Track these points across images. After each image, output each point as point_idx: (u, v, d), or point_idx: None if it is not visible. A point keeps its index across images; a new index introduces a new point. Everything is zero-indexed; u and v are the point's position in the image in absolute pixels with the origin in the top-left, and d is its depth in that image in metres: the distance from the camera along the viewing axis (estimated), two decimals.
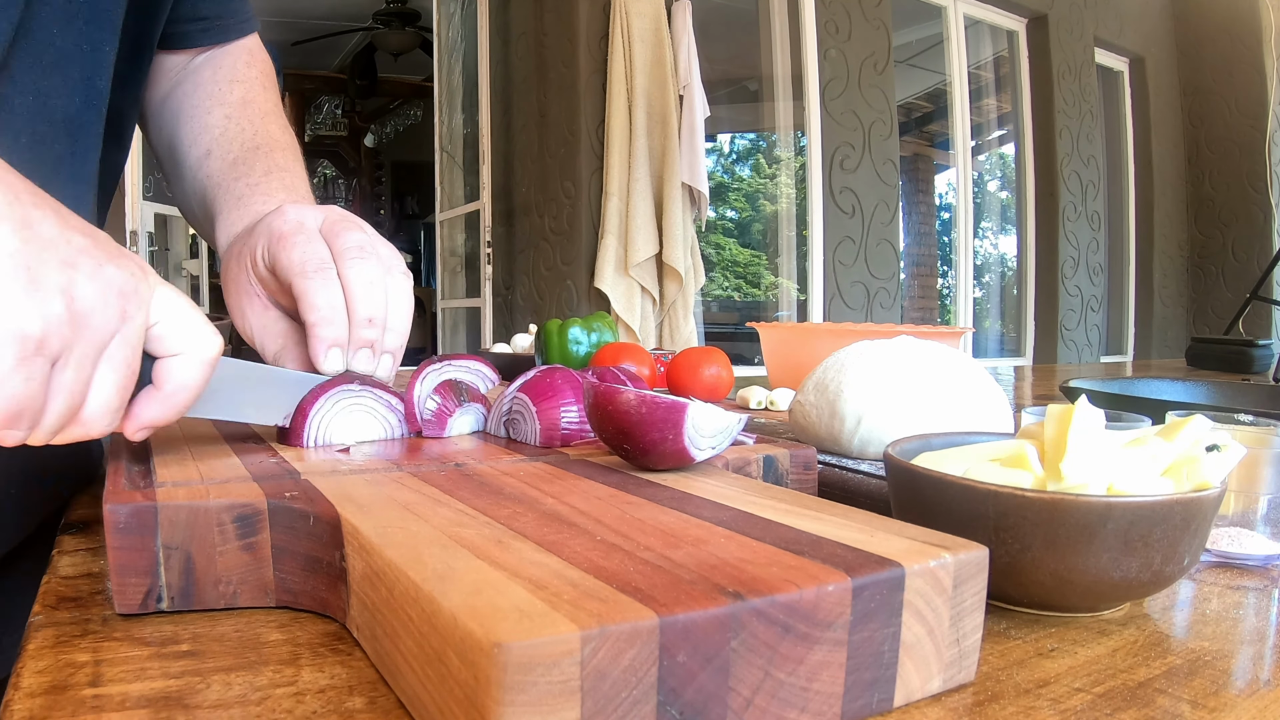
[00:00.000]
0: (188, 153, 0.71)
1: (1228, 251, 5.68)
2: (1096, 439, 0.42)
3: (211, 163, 0.70)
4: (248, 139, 0.71)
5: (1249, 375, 1.94)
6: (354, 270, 0.54)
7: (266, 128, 0.72)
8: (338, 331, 0.54)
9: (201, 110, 0.72)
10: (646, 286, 3.50)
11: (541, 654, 0.23)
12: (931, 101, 5.79)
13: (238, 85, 0.74)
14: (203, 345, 0.42)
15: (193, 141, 0.71)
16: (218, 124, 0.71)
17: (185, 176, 0.72)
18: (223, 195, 0.67)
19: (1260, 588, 0.46)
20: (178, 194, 0.75)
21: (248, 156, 0.69)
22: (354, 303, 0.54)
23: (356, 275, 0.54)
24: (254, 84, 0.75)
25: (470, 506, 0.38)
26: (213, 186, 0.68)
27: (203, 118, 0.72)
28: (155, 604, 0.37)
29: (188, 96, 0.73)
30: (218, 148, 0.70)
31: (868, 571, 0.30)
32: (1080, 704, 0.32)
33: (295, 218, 0.55)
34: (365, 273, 0.54)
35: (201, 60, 0.75)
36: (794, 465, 0.55)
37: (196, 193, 0.70)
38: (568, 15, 3.61)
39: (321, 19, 6.16)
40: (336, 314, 0.53)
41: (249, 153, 0.70)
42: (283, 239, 0.54)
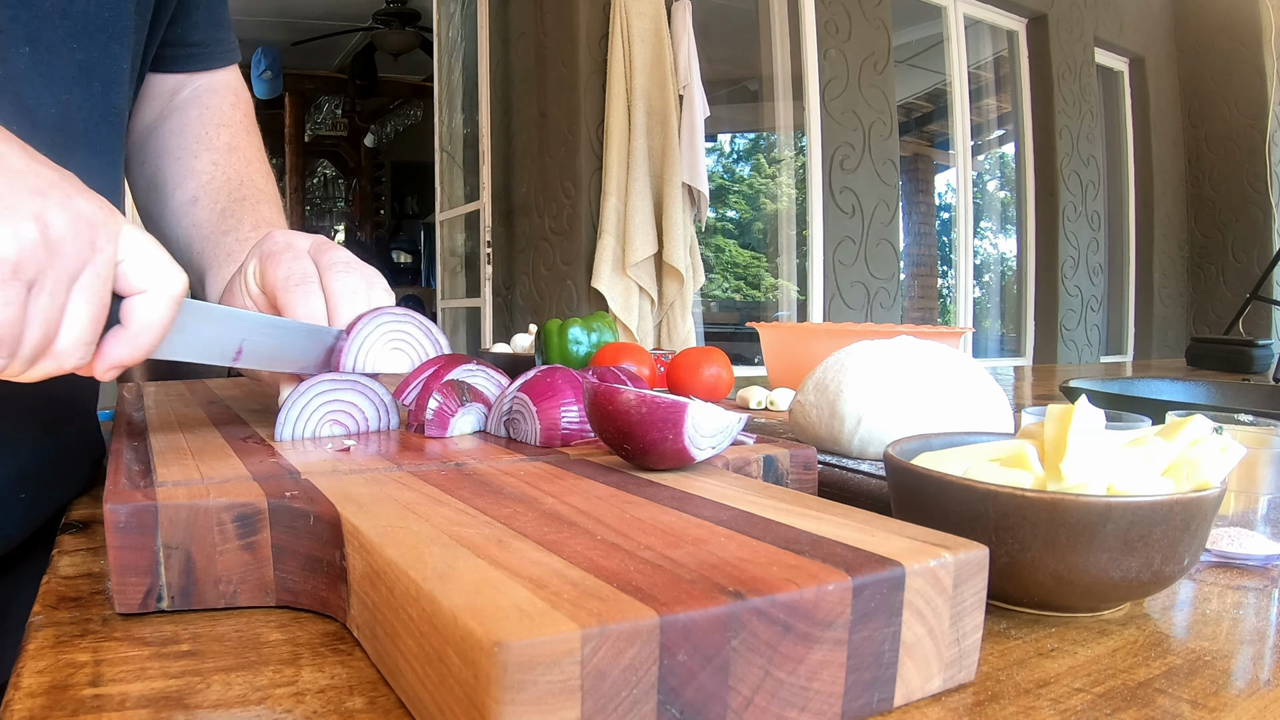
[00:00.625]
0: (172, 195, 0.73)
1: (1228, 251, 5.68)
2: (1096, 439, 0.43)
3: (199, 210, 0.72)
4: (234, 189, 0.73)
5: (1249, 375, 1.94)
6: (338, 281, 0.56)
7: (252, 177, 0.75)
8: None
9: (188, 154, 0.74)
10: (644, 286, 3.50)
11: (542, 653, 0.23)
12: (931, 101, 5.79)
13: (224, 130, 0.76)
14: (168, 282, 0.42)
15: (178, 185, 0.73)
16: (205, 170, 0.73)
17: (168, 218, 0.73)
18: (211, 249, 0.69)
19: (1260, 588, 0.46)
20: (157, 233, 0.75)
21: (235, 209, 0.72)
22: (337, 310, 0.56)
23: (341, 285, 0.56)
24: (239, 129, 0.77)
25: (470, 506, 0.38)
26: (200, 238, 0.71)
27: (189, 161, 0.74)
28: (155, 604, 0.37)
29: (174, 135, 0.75)
30: (204, 195, 0.72)
31: (868, 571, 0.30)
32: (1080, 704, 0.32)
33: (284, 240, 0.58)
34: (349, 283, 0.57)
35: (187, 97, 0.76)
36: (794, 465, 0.55)
37: (181, 239, 0.72)
38: (568, 15, 3.61)
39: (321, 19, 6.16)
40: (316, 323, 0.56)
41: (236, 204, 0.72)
42: (271, 257, 0.56)
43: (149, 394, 0.77)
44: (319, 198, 8.14)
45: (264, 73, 6.33)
